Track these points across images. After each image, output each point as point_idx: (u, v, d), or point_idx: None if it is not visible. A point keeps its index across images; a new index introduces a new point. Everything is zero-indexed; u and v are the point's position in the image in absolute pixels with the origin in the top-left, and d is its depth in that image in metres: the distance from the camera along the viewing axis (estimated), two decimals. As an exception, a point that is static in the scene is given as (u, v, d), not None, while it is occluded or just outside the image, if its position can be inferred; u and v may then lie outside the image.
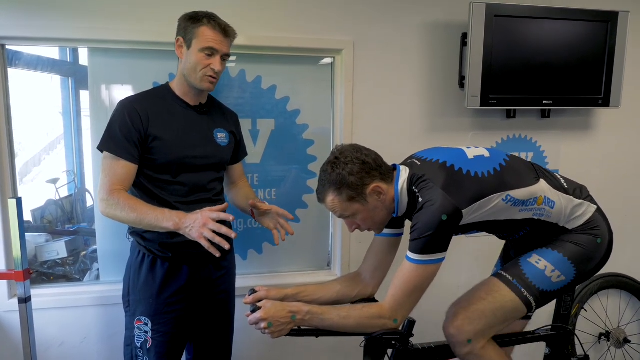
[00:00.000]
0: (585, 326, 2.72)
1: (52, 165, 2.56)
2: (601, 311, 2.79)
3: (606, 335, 2.78)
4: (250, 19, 2.13)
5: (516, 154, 1.74)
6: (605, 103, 2.43)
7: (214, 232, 1.51)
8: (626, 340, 2.77)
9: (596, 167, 2.65)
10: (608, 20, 2.35)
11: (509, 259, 1.80)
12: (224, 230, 1.52)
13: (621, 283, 2.76)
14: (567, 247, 1.59)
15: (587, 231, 1.60)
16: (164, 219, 1.55)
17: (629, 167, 2.72)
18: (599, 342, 2.80)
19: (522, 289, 1.57)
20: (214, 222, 1.52)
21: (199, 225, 1.51)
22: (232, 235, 1.54)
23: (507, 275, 1.60)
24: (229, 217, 1.56)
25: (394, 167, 1.60)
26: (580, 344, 1.88)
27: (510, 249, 1.84)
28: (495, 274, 1.65)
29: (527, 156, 2.56)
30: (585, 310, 2.71)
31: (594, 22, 2.35)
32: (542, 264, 1.58)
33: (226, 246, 1.52)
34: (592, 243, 1.59)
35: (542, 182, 1.58)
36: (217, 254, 1.56)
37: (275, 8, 2.17)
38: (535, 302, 1.58)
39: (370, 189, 1.49)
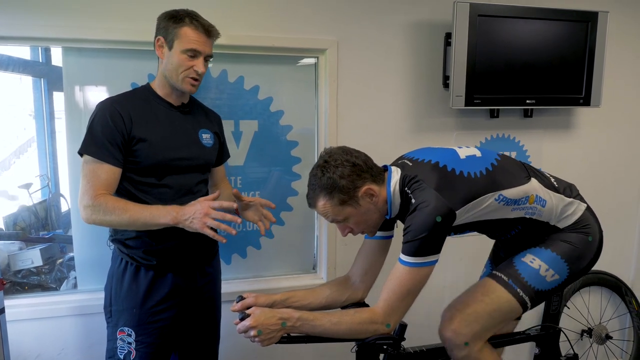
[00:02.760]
0: (568, 323, 2.74)
1: (25, 170, 2.46)
2: (583, 308, 2.82)
3: (588, 332, 2.82)
4: (232, 17, 2.08)
5: (501, 154, 1.74)
6: (586, 102, 2.46)
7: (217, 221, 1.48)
8: (608, 337, 2.81)
9: (577, 166, 2.68)
10: (588, 21, 2.38)
11: (498, 259, 1.79)
12: (228, 217, 1.48)
13: (602, 280, 2.80)
14: (560, 245, 1.59)
15: (579, 230, 1.60)
16: (161, 215, 1.50)
17: (609, 165, 2.76)
18: (581, 339, 2.84)
19: (518, 289, 1.56)
20: (216, 210, 1.48)
21: (200, 215, 1.47)
22: (238, 221, 1.50)
23: (502, 276, 1.59)
24: (232, 205, 1.53)
25: (385, 168, 1.57)
26: (569, 341, 1.88)
27: (500, 249, 1.84)
28: (490, 274, 1.64)
29: (510, 155, 2.57)
30: (568, 308, 2.73)
31: (575, 22, 2.37)
32: (537, 263, 1.57)
33: (233, 232, 1.50)
34: (583, 241, 1.59)
35: (534, 181, 1.58)
36: (224, 241, 1.54)
37: (258, 7, 2.12)
38: (530, 302, 1.57)
39: (362, 192, 1.46)
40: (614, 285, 2.83)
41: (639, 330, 2.82)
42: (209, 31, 1.63)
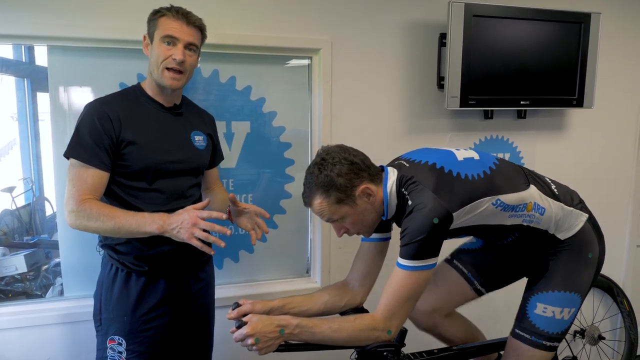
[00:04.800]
0: (561, 325, 2.74)
1: (7, 173, 2.39)
2: (576, 309, 2.82)
3: (581, 332, 2.82)
4: (223, 16, 2.03)
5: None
6: (579, 104, 2.46)
7: (205, 232, 1.42)
8: (600, 337, 2.81)
9: (569, 166, 2.68)
10: (581, 22, 2.38)
11: (481, 265, 1.82)
12: (217, 228, 1.43)
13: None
14: (565, 280, 1.58)
15: (577, 249, 1.59)
16: (146, 223, 1.44)
17: (601, 166, 2.77)
18: (574, 340, 2.83)
19: (544, 342, 1.58)
20: (204, 221, 1.42)
21: (188, 225, 1.41)
22: (227, 232, 1.44)
23: (525, 335, 1.60)
24: (222, 216, 1.47)
25: (382, 169, 1.54)
26: (567, 343, 1.88)
27: (488, 253, 1.84)
28: (514, 334, 1.64)
29: (504, 157, 2.56)
30: (561, 309, 2.73)
31: (568, 24, 2.37)
32: (550, 310, 1.57)
33: (222, 244, 1.45)
34: (584, 261, 1.59)
35: (533, 187, 1.55)
36: (212, 252, 1.48)
37: (251, 6, 2.08)
38: (559, 342, 1.60)
39: (359, 191, 1.43)
40: (606, 286, 2.82)
41: (630, 330, 2.82)
42: (187, 17, 1.57)
